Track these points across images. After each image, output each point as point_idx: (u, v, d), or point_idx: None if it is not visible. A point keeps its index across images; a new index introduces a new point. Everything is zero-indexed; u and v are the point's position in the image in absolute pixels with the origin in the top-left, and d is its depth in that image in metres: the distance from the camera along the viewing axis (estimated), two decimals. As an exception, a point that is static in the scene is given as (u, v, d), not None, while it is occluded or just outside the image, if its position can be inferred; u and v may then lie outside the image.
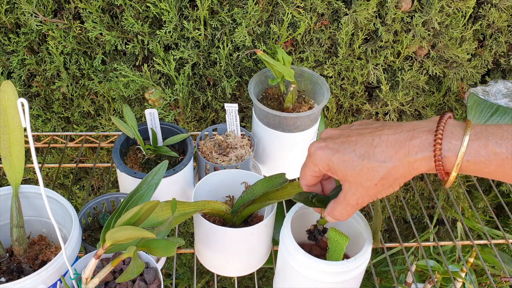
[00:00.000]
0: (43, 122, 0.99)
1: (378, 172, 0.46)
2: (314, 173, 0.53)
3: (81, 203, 1.13)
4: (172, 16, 0.84)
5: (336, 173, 0.50)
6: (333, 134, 0.52)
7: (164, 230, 0.54)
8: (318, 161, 0.51)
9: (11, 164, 0.63)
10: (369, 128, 0.50)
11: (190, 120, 0.99)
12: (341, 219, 0.53)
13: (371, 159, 0.47)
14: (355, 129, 0.51)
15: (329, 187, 0.58)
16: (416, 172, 0.46)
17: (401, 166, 0.46)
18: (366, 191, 0.49)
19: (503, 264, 0.82)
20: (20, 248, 0.63)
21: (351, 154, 0.48)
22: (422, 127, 0.46)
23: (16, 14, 0.86)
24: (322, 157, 0.50)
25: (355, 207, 0.51)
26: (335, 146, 0.49)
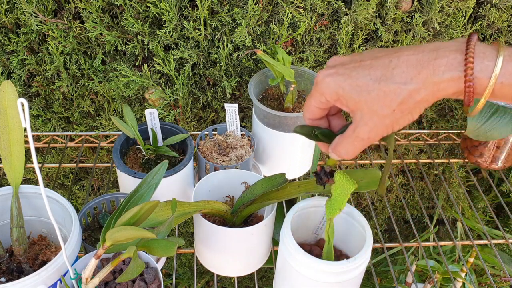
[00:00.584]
0: (43, 122, 0.99)
1: (398, 95, 0.41)
2: (320, 104, 0.48)
3: (81, 203, 1.13)
4: (172, 16, 0.84)
5: (347, 102, 0.44)
6: (343, 61, 0.46)
7: (164, 230, 0.54)
8: (326, 90, 0.45)
9: (11, 164, 0.63)
10: (384, 51, 0.44)
11: (190, 120, 0.99)
12: (346, 157, 0.48)
13: (389, 82, 0.42)
14: (368, 54, 0.45)
15: (336, 123, 0.52)
16: (440, 95, 0.42)
17: (424, 88, 0.41)
18: (381, 120, 0.43)
19: (503, 264, 0.82)
20: (20, 248, 0.63)
21: (366, 78, 0.43)
22: (448, 47, 0.41)
23: (16, 14, 0.86)
24: (331, 85, 0.45)
25: (365, 142, 0.45)
26: (346, 71, 0.44)
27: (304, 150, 0.84)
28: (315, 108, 0.49)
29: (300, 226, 0.70)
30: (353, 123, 0.45)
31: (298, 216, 0.67)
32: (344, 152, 0.47)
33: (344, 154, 0.48)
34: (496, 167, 0.96)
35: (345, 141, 0.47)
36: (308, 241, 0.74)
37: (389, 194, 1.22)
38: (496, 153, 0.94)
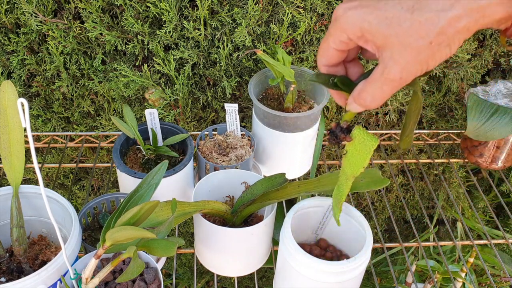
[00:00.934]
0: (43, 122, 0.99)
1: (435, 24, 0.36)
2: (340, 44, 0.41)
3: (81, 203, 1.13)
4: (172, 16, 0.84)
5: (374, 37, 0.39)
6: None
7: (164, 230, 0.54)
8: (348, 25, 0.39)
9: (11, 164, 0.63)
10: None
11: (190, 120, 0.99)
12: (372, 105, 0.42)
13: (424, 10, 0.36)
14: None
15: (354, 71, 0.46)
16: (484, 22, 0.37)
17: (466, 15, 0.36)
18: (415, 56, 0.37)
19: (503, 264, 0.82)
20: (20, 248, 0.63)
21: (395, 8, 0.37)
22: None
23: (16, 14, 0.86)
24: (353, 19, 0.39)
25: (396, 84, 0.39)
26: (372, 2, 0.38)
27: (304, 150, 0.84)
28: (333, 51, 0.42)
29: (300, 226, 0.69)
30: (381, 64, 0.39)
31: (298, 216, 0.67)
32: (370, 99, 0.41)
33: (370, 102, 0.41)
34: (496, 167, 0.96)
35: (372, 85, 0.41)
36: (308, 241, 0.74)
37: (389, 194, 1.22)
38: (496, 153, 0.94)
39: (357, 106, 0.44)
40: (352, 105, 0.44)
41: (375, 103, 0.42)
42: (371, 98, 0.42)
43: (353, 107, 0.44)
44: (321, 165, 1.00)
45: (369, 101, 0.42)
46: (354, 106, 0.44)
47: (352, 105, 0.44)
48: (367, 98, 0.42)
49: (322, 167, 1.02)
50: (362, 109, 0.44)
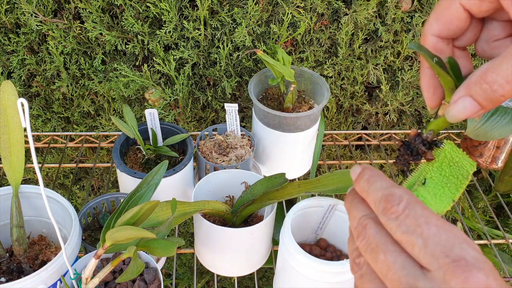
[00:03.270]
0: (43, 122, 0.99)
1: None
2: (467, 2, 0.31)
3: (81, 203, 1.13)
4: (172, 16, 0.84)
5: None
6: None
7: (164, 230, 0.54)
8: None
9: (11, 164, 0.63)
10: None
11: (190, 120, 0.99)
12: (503, 91, 0.29)
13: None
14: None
15: (462, 65, 0.34)
16: None
17: None
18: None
19: (503, 264, 0.82)
20: (20, 248, 0.63)
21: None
22: None
23: (16, 14, 0.86)
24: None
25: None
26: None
27: (304, 150, 0.84)
28: (458, 11, 0.31)
29: (300, 226, 0.69)
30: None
31: (298, 216, 0.67)
32: (503, 80, 0.28)
33: (503, 84, 0.28)
34: (496, 167, 0.96)
35: (509, 64, 0.28)
36: (308, 241, 0.74)
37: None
38: (496, 153, 0.94)
39: (470, 101, 0.30)
40: (462, 101, 0.30)
41: (509, 89, 0.28)
42: (504, 80, 0.28)
43: (462, 105, 0.30)
44: (321, 165, 1.00)
45: (500, 84, 0.28)
46: (464, 103, 0.30)
47: (461, 102, 0.30)
48: (498, 80, 0.28)
49: (322, 167, 1.02)
50: (474, 109, 0.30)
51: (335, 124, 1.06)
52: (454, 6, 0.32)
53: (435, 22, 0.33)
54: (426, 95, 0.35)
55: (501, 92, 0.29)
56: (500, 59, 0.29)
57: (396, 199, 0.28)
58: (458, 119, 0.31)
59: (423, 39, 0.34)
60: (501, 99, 0.29)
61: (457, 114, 0.31)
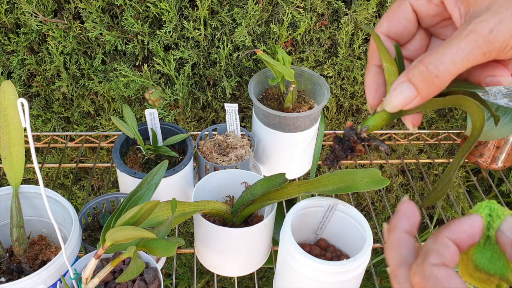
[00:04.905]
0: (43, 122, 0.99)
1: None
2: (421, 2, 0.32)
3: (81, 203, 1.13)
4: (172, 16, 0.84)
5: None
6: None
7: (164, 230, 0.54)
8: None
9: (11, 164, 0.63)
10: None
11: (190, 120, 0.99)
12: (442, 73, 0.28)
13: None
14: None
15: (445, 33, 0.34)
16: None
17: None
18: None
19: (503, 264, 0.82)
20: (20, 248, 0.63)
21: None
22: None
23: (16, 14, 0.86)
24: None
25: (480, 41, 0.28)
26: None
27: (304, 150, 0.84)
28: (407, 12, 0.33)
29: (300, 226, 0.70)
30: (467, 21, 0.29)
31: (298, 216, 0.67)
32: (441, 62, 0.28)
33: (440, 67, 0.28)
34: (496, 167, 0.96)
35: (448, 44, 0.28)
36: (308, 241, 0.74)
37: (389, 194, 1.22)
38: (496, 153, 0.94)
39: (407, 85, 0.29)
40: (400, 86, 0.29)
41: (444, 69, 0.28)
42: (439, 60, 0.28)
43: (399, 91, 0.29)
44: (321, 165, 1.00)
45: (434, 65, 0.28)
46: (402, 88, 0.29)
47: (399, 87, 0.29)
48: (433, 61, 0.28)
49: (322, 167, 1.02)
50: (411, 93, 0.29)
51: (335, 124, 1.06)
52: (404, 5, 0.33)
53: (385, 20, 0.35)
54: (369, 92, 0.34)
55: (436, 72, 0.29)
56: (440, 46, 0.30)
57: (398, 280, 0.27)
58: (394, 106, 0.31)
59: (371, 39, 0.35)
60: (436, 80, 0.29)
61: (394, 100, 0.30)
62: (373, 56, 0.34)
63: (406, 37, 0.35)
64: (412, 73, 0.30)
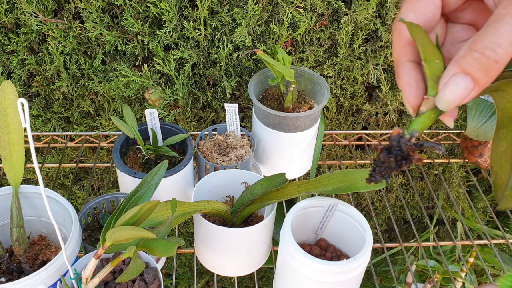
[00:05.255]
0: (43, 122, 0.99)
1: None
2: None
3: (81, 203, 1.13)
4: (172, 16, 0.84)
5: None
6: None
7: (164, 230, 0.54)
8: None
9: (11, 164, 0.63)
10: None
11: (190, 120, 0.99)
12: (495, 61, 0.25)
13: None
14: None
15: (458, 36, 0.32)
16: None
17: None
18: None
19: (503, 264, 0.82)
20: (20, 248, 0.63)
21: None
22: None
23: (16, 14, 0.86)
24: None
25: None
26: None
27: (304, 150, 0.84)
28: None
29: (300, 226, 0.70)
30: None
31: (298, 216, 0.67)
32: (492, 47, 0.25)
33: (494, 52, 0.25)
34: (496, 167, 0.96)
35: (496, 27, 0.25)
36: (308, 241, 0.74)
37: (389, 194, 1.22)
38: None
39: (463, 77, 0.26)
40: (453, 80, 0.26)
41: (503, 52, 0.25)
42: (495, 43, 0.25)
43: (453, 85, 0.26)
44: (321, 165, 1.00)
45: (491, 49, 0.25)
46: (456, 81, 0.26)
47: (453, 81, 0.26)
48: (489, 45, 0.25)
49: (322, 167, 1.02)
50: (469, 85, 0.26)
51: (335, 124, 1.06)
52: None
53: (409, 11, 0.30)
54: (409, 92, 0.30)
55: (495, 56, 0.25)
56: (485, 28, 0.26)
57: None
58: (451, 104, 0.27)
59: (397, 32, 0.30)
60: (496, 66, 0.25)
61: (450, 96, 0.27)
62: (404, 51, 0.30)
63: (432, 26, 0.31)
64: (465, 62, 0.26)
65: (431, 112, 0.29)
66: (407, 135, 0.29)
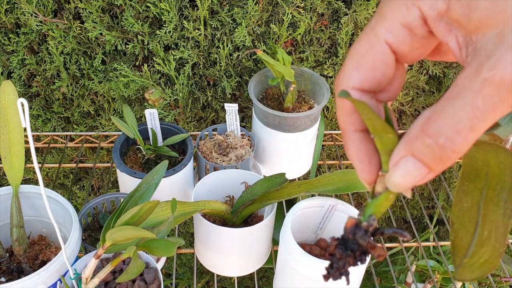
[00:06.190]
0: (43, 122, 0.99)
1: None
2: (400, 34, 0.24)
3: (81, 203, 1.13)
4: (172, 16, 0.84)
5: (468, 15, 0.21)
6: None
7: (164, 230, 0.54)
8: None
9: (11, 164, 0.63)
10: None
11: (190, 120, 0.99)
12: (455, 146, 0.21)
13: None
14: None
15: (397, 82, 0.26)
16: None
17: None
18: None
19: (503, 264, 0.82)
20: (20, 248, 0.63)
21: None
22: None
23: (16, 14, 0.86)
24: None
25: (505, 92, 0.20)
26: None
27: (304, 150, 0.84)
28: (383, 51, 0.24)
29: (300, 226, 0.70)
30: (475, 60, 0.21)
31: (298, 216, 0.67)
32: (452, 131, 0.21)
33: (453, 137, 0.21)
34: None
35: (457, 101, 0.21)
36: (308, 241, 0.74)
37: (389, 194, 1.22)
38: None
39: (414, 162, 0.23)
40: (404, 163, 0.23)
41: (461, 141, 0.21)
42: (453, 129, 0.21)
43: (404, 169, 0.23)
44: (321, 165, 1.00)
45: (447, 137, 0.21)
46: (407, 166, 0.23)
47: (403, 164, 0.23)
48: (444, 130, 0.21)
49: (322, 167, 1.02)
50: (421, 173, 0.23)
51: (335, 124, 1.06)
52: (378, 46, 0.24)
53: (354, 69, 0.25)
54: (361, 168, 0.26)
55: (451, 147, 0.21)
56: (444, 101, 0.21)
57: None
58: (403, 188, 0.24)
59: (340, 99, 0.25)
60: (453, 156, 0.21)
61: (400, 181, 0.23)
62: (350, 121, 0.26)
63: (383, 84, 0.26)
64: (416, 147, 0.22)
65: (389, 193, 0.25)
66: (364, 223, 0.25)
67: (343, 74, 0.25)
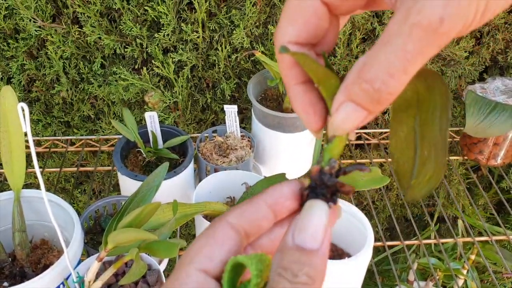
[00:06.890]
0: (43, 126, 0.99)
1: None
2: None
3: (83, 207, 1.13)
4: (170, 19, 0.84)
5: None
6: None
7: (166, 231, 0.54)
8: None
9: (12, 169, 0.63)
10: None
11: (190, 122, 0.99)
12: (388, 88, 0.22)
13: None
14: None
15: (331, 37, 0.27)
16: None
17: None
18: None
19: (504, 260, 0.82)
20: (22, 253, 0.63)
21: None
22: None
23: (15, 19, 0.87)
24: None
25: (433, 35, 0.20)
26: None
27: (304, 150, 0.84)
28: (315, 4, 0.25)
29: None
30: (403, 5, 0.21)
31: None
32: (384, 75, 0.22)
33: (385, 81, 0.22)
34: (495, 164, 0.97)
35: (388, 47, 0.21)
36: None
37: (390, 192, 1.22)
38: (495, 149, 0.95)
39: (353, 106, 0.24)
40: (344, 108, 0.24)
41: (395, 83, 0.22)
42: (386, 73, 0.22)
43: (344, 114, 0.24)
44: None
45: (382, 81, 0.22)
46: (346, 110, 0.24)
47: (343, 109, 0.24)
48: (379, 75, 0.22)
49: (322, 167, 1.02)
50: (360, 116, 0.24)
51: (335, 124, 1.06)
52: (308, 1, 0.25)
53: (288, 24, 0.25)
54: (306, 118, 0.27)
55: (386, 89, 0.22)
56: (377, 47, 0.22)
57: None
58: (345, 131, 0.25)
59: (280, 54, 0.25)
60: (389, 97, 0.22)
61: (341, 124, 0.24)
62: (291, 74, 0.27)
63: (319, 36, 0.26)
64: (353, 92, 0.23)
65: (340, 137, 0.26)
66: (327, 167, 0.26)
67: (279, 31, 0.26)
